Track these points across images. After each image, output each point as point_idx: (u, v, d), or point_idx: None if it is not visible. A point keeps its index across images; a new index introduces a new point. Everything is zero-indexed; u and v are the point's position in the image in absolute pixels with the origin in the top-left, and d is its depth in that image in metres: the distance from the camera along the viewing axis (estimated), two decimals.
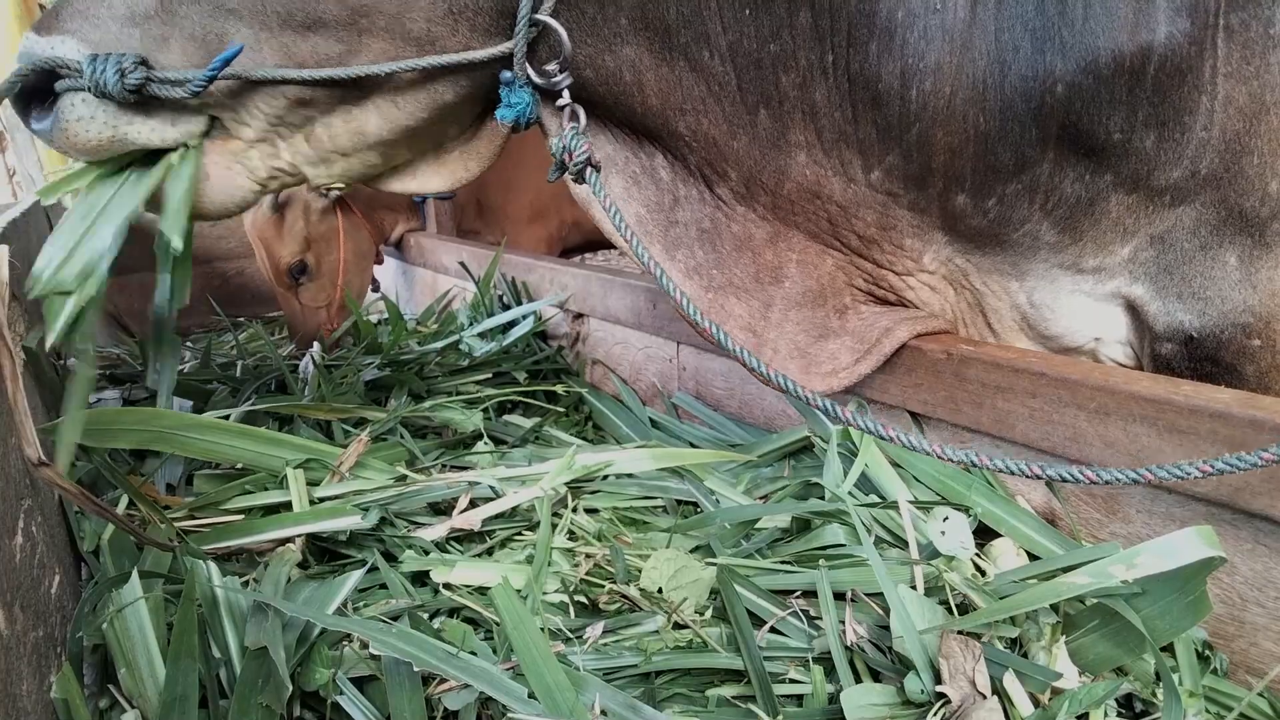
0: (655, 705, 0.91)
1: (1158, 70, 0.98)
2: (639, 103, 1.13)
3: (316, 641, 0.97)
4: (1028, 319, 1.20)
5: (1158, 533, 1.00)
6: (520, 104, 1.06)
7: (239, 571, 1.13)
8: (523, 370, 1.92)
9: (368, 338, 2.30)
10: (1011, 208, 1.09)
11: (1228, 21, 0.97)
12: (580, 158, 1.05)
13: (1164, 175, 1.04)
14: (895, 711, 0.87)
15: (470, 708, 0.91)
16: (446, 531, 1.24)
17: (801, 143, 1.11)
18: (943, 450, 0.92)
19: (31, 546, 0.96)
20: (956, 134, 1.05)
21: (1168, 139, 1.02)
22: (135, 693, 0.93)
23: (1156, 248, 1.10)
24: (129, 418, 1.25)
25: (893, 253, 1.18)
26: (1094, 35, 0.98)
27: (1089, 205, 1.08)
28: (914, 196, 1.12)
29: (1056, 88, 1.01)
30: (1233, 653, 0.97)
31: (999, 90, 1.02)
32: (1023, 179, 1.07)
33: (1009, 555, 1.07)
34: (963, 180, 1.08)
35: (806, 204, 1.15)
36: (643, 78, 1.11)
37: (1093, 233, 1.10)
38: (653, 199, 1.23)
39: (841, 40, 1.04)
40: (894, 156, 1.09)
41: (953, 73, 1.02)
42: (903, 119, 1.06)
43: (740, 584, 1.06)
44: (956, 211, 1.11)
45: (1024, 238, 1.12)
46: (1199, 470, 0.81)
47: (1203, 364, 1.13)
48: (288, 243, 2.69)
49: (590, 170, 1.06)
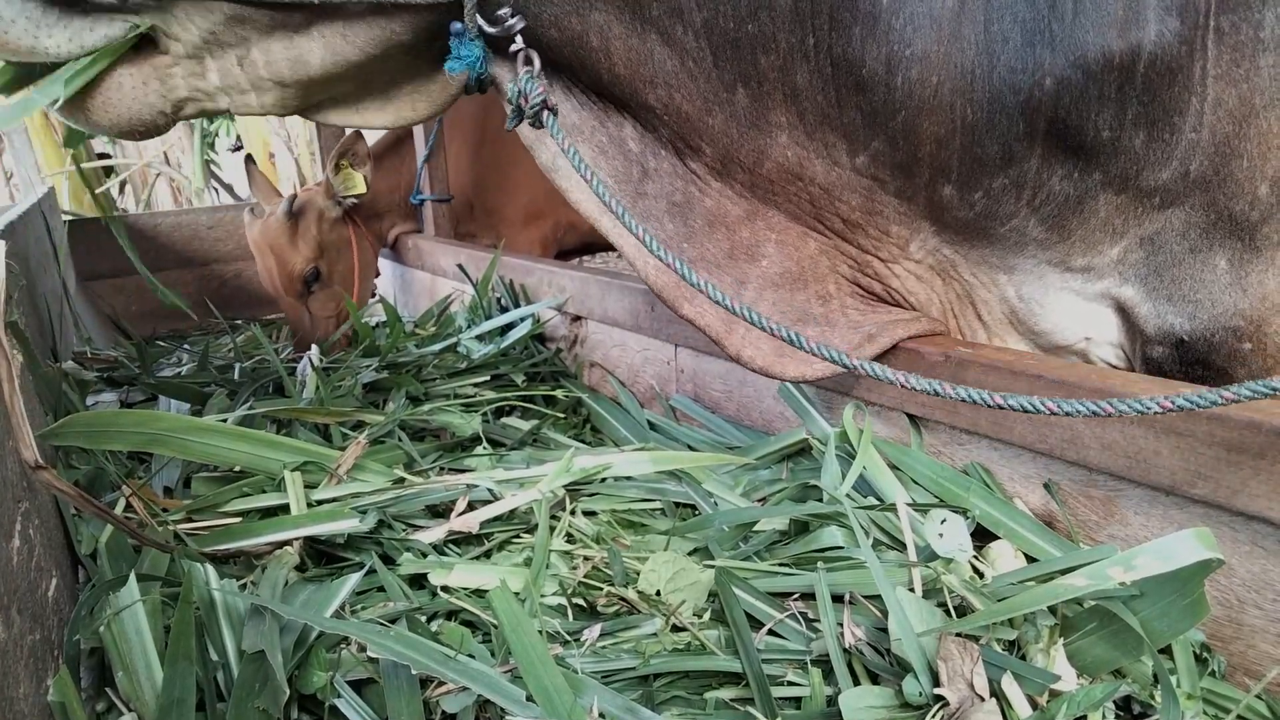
0: (653, 708, 0.91)
1: (1148, 69, 0.98)
2: (606, 70, 1.10)
3: (314, 644, 0.97)
4: (1016, 313, 1.20)
5: (1155, 535, 1.00)
6: (470, 57, 1.02)
7: (237, 574, 1.13)
8: (521, 373, 1.92)
9: (366, 340, 2.30)
10: (998, 202, 1.09)
11: (1218, 23, 0.97)
12: (536, 99, 0.99)
13: (1153, 176, 1.04)
14: (894, 714, 0.87)
15: (468, 710, 0.91)
16: (444, 534, 1.24)
17: (783, 124, 1.09)
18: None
19: (29, 549, 0.96)
20: (943, 124, 1.04)
21: (1157, 139, 1.02)
22: (132, 696, 0.93)
23: (1146, 249, 1.10)
24: (127, 420, 1.25)
25: (878, 238, 1.16)
26: (1084, 30, 0.98)
27: (1077, 204, 1.08)
28: (900, 184, 1.11)
29: (1045, 81, 1.00)
30: (1230, 655, 0.97)
31: (987, 82, 1.02)
32: (1010, 173, 1.06)
33: (1007, 557, 1.07)
34: (949, 171, 1.07)
35: (787, 184, 1.13)
36: (610, 45, 1.07)
37: (1081, 231, 1.10)
38: (620, 169, 1.19)
39: (823, 23, 1.03)
40: (879, 142, 1.08)
41: (940, 61, 1.01)
42: (888, 105, 1.05)
43: (738, 586, 1.06)
44: (943, 202, 1.10)
45: (1011, 233, 1.12)
46: (1159, 405, 0.81)
47: (1194, 367, 1.13)
48: (301, 249, 2.67)
49: (548, 114, 1.01)
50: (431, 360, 2.02)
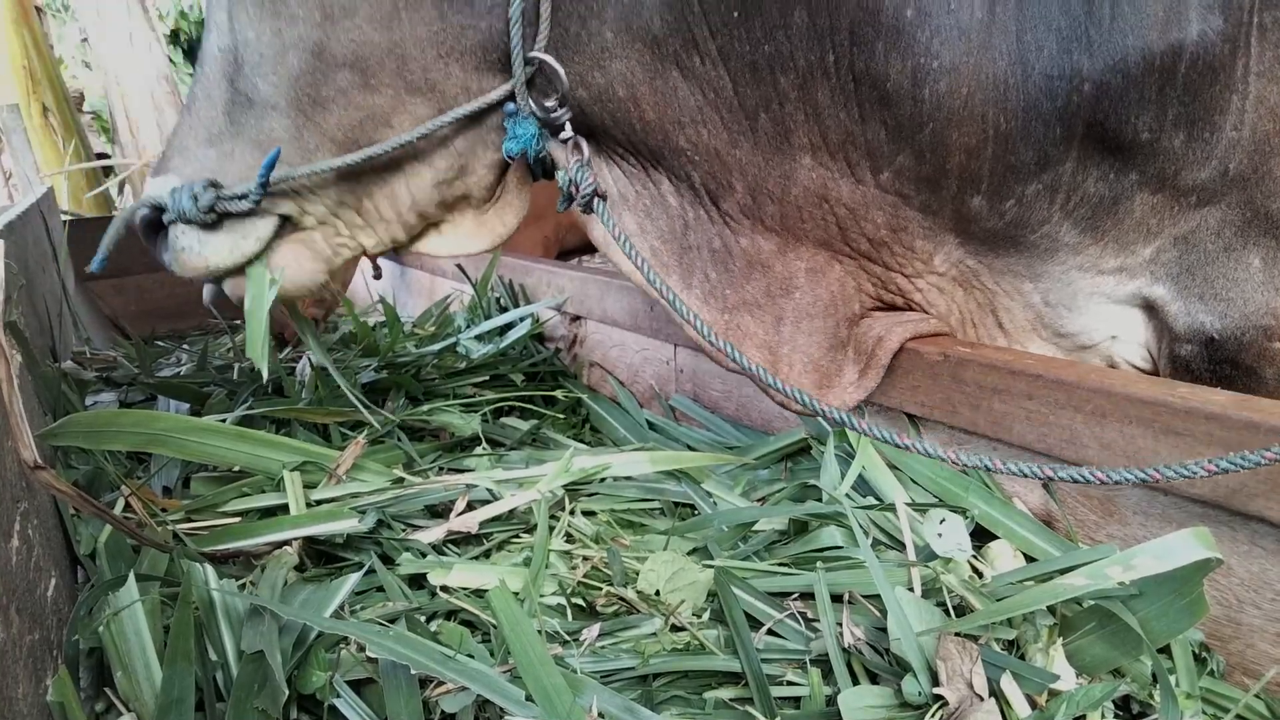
0: (653, 708, 0.91)
1: (1189, 69, 0.97)
2: (637, 118, 1.12)
3: (313, 645, 0.97)
4: (1042, 318, 1.18)
5: (1154, 534, 1.00)
6: (525, 134, 1.08)
7: (236, 574, 1.13)
8: (520, 373, 1.92)
9: (365, 340, 2.30)
10: (1030, 209, 1.08)
11: (1261, 19, 0.96)
12: (587, 190, 1.07)
13: (1191, 175, 1.03)
14: (893, 714, 0.87)
15: (467, 710, 0.91)
16: (444, 534, 1.24)
17: (806, 145, 1.09)
18: (957, 456, 0.91)
19: (27, 549, 0.95)
20: (974, 134, 1.03)
21: (1197, 138, 1.00)
22: (131, 696, 0.93)
23: (1180, 248, 1.09)
24: (126, 420, 1.25)
25: (903, 255, 1.16)
26: (1123, 34, 0.97)
27: (1112, 205, 1.07)
28: (926, 198, 1.11)
29: (1084, 86, 0.99)
30: (1229, 654, 0.97)
31: (1021, 90, 1.00)
32: (1044, 178, 1.05)
33: (1006, 557, 1.07)
34: (979, 181, 1.07)
35: (814, 208, 1.13)
36: (636, 92, 1.10)
37: (1115, 232, 1.09)
38: (665, 229, 1.23)
39: (843, 39, 1.02)
40: (905, 157, 1.07)
41: (971, 72, 1.00)
42: (914, 119, 1.04)
43: (737, 586, 1.06)
44: (971, 213, 1.10)
45: (1042, 239, 1.11)
46: (1204, 470, 0.81)
47: (1222, 366, 1.12)
48: None
49: (597, 200, 1.08)
50: (430, 360, 2.02)
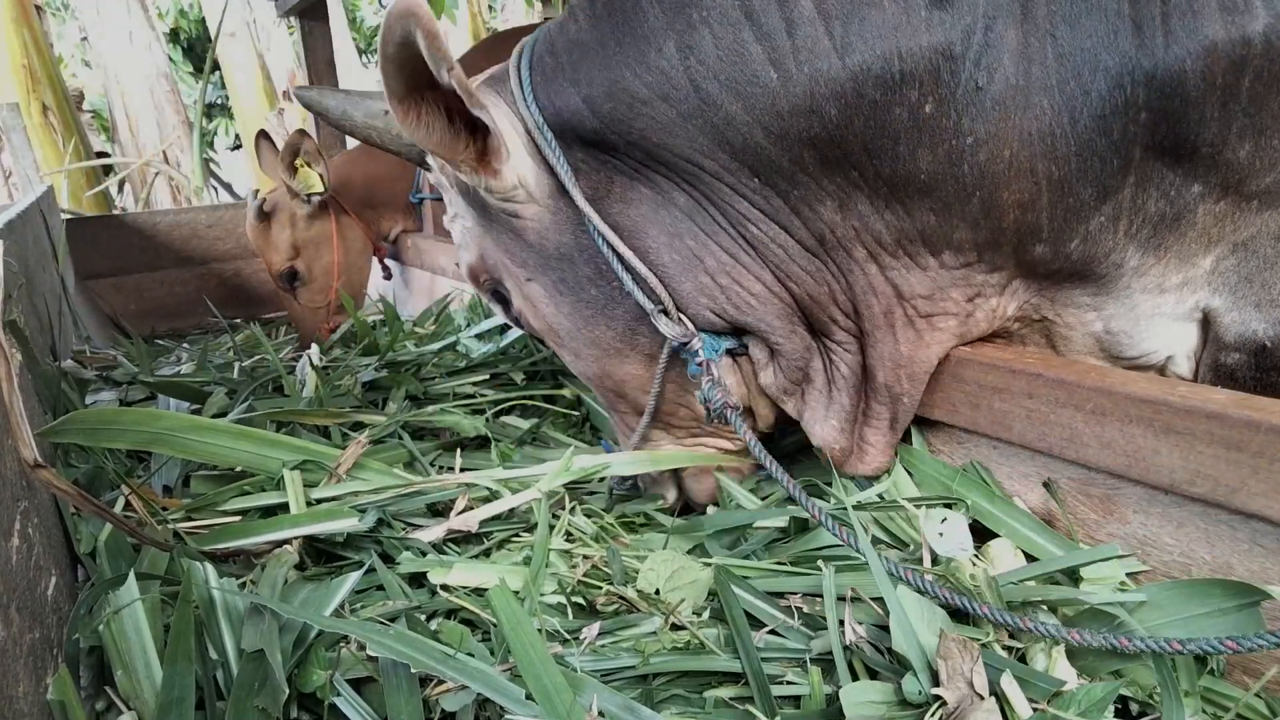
0: (653, 706, 0.91)
1: (1253, 82, 0.96)
2: (749, 308, 1.17)
3: (314, 643, 0.97)
4: (1102, 344, 1.18)
5: (1154, 533, 1.00)
6: (692, 358, 1.18)
7: (236, 573, 1.13)
8: (520, 372, 1.92)
9: (366, 339, 2.30)
10: (1096, 243, 1.07)
11: None
12: (717, 405, 1.16)
13: (1256, 182, 1.02)
14: (893, 711, 0.87)
15: (468, 709, 0.91)
16: (444, 533, 1.24)
17: (865, 256, 1.11)
18: None
19: (28, 548, 0.96)
20: (1025, 189, 1.03)
21: (1264, 147, 0.99)
22: (132, 694, 0.93)
23: (1239, 255, 1.08)
24: (126, 418, 1.25)
25: (985, 319, 1.17)
26: (1179, 60, 0.95)
27: (1174, 220, 1.06)
28: (991, 258, 1.11)
29: (1140, 116, 0.98)
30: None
31: (1070, 136, 0.99)
32: (1104, 210, 1.05)
33: (1007, 556, 1.07)
34: (1039, 230, 1.06)
35: (893, 310, 1.14)
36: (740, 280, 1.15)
37: (1177, 247, 1.08)
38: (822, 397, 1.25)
39: (859, 158, 1.02)
40: (961, 232, 1.07)
41: (1012, 134, 0.99)
42: (960, 193, 1.03)
43: (737, 585, 1.06)
44: (1035, 259, 1.09)
45: (1109, 269, 1.10)
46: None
47: (1269, 374, 1.10)
48: (278, 249, 2.76)
49: (730, 411, 1.15)
50: (431, 359, 2.03)
